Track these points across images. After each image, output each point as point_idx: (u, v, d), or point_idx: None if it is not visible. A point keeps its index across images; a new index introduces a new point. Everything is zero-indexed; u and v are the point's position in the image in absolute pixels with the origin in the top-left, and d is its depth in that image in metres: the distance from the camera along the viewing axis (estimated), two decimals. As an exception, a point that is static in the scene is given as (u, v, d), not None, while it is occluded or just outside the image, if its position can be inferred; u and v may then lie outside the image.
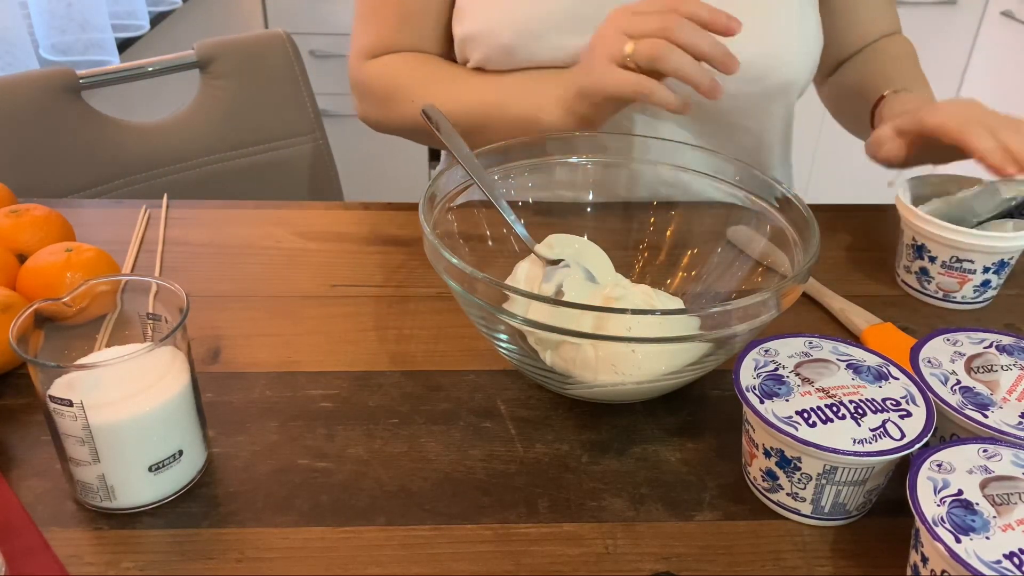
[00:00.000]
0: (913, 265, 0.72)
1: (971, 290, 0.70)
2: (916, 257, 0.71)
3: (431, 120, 0.68)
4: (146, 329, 0.53)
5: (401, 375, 0.61)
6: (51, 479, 0.51)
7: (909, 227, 0.71)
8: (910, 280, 0.73)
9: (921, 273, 0.71)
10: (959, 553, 0.40)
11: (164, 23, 1.74)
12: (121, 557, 0.47)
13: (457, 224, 0.65)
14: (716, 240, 0.67)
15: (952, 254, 0.69)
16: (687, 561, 0.48)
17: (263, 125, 1.19)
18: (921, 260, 0.71)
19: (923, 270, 0.71)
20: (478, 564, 0.48)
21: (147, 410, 0.47)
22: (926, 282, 0.71)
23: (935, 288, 0.71)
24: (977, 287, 0.70)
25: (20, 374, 0.59)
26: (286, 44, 1.19)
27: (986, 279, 0.69)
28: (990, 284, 0.70)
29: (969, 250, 0.68)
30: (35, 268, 0.61)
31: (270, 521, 0.49)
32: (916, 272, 0.72)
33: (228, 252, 0.74)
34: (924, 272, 0.71)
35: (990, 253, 0.68)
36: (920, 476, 0.44)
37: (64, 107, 1.04)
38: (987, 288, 0.70)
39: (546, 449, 0.55)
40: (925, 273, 0.71)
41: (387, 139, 0.92)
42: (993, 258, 0.68)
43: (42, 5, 1.34)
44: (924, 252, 0.70)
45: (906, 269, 0.73)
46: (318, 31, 2.21)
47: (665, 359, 0.55)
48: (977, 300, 0.71)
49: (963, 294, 0.70)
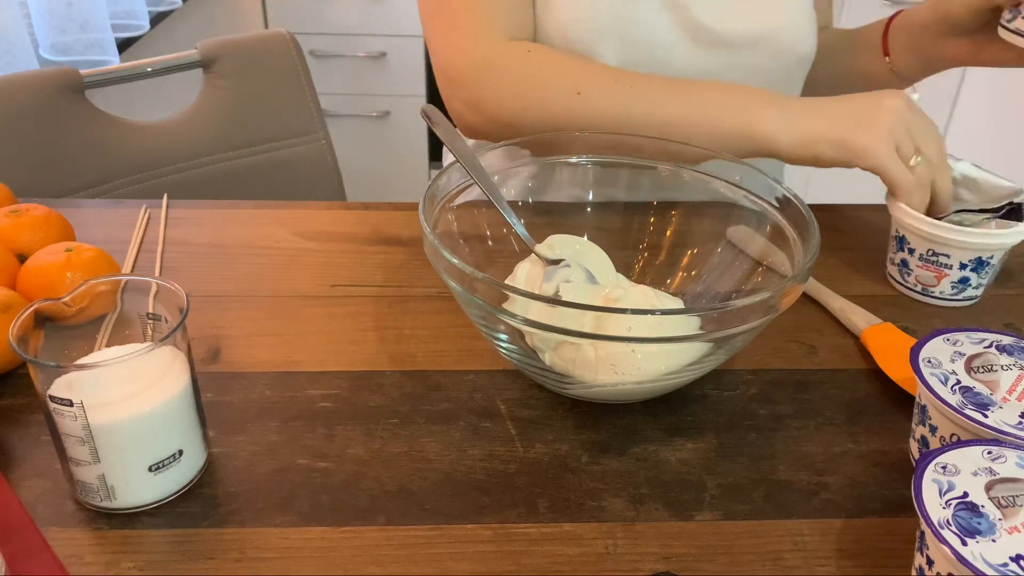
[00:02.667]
0: (896, 256, 0.73)
1: (948, 286, 0.70)
2: (899, 249, 0.72)
3: (430, 119, 0.67)
4: (146, 329, 0.53)
5: (401, 375, 0.61)
6: (51, 479, 0.51)
7: (894, 219, 0.72)
8: (893, 272, 0.74)
9: (902, 265, 0.72)
10: (965, 556, 0.40)
11: (164, 23, 1.74)
12: (121, 557, 0.47)
13: (457, 224, 0.65)
14: (716, 240, 0.67)
15: (929, 247, 0.69)
16: (687, 561, 0.48)
17: (266, 125, 1.19)
18: (902, 252, 0.72)
19: (904, 262, 0.72)
20: (478, 564, 0.48)
21: (147, 410, 0.47)
22: (906, 274, 0.72)
23: (914, 281, 0.72)
24: (955, 283, 0.70)
25: (20, 374, 0.59)
26: (289, 44, 1.19)
27: (964, 276, 0.69)
28: (969, 282, 0.70)
29: (944, 244, 0.68)
30: (35, 268, 0.61)
31: (270, 521, 0.49)
32: (898, 264, 0.73)
33: (228, 252, 0.74)
34: (904, 264, 0.72)
35: (964, 249, 0.68)
36: (925, 478, 0.44)
37: (68, 106, 1.04)
38: (966, 286, 0.70)
39: (546, 449, 0.55)
40: (905, 265, 0.72)
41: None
42: (969, 255, 0.68)
43: (42, 5, 1.34)
44: (905, 244, 0.71)
45: (890, 261, 0.74)
46: (318, 31, 2.21)
47: (665, 359, 0.55)
48: (956, 297, 0.71)
49: (941, 289, 0.71)
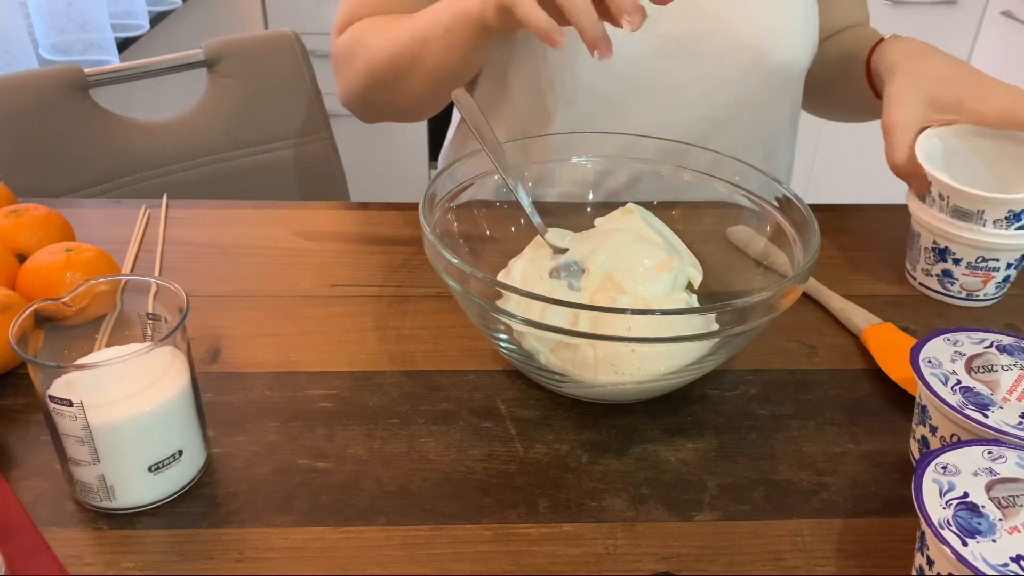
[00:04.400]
0: (934, 268, 0.71)
1: (994, 287, 0.70)
2: (938, 260, 0.70)
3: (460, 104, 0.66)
4: (146, 329, 0.53)
5: (401, 375, 0.61)
6: (51, 479, 0.51)
7: (928, 229, 0.70)
8: (930, 283, 0.72)
9: (943, 276, 0.70)
10: (966, 556, 0.40)
11: (164, 23, 1.74)
12: (121, 557, 0.47)
13: (457, 224, 0.65)
14: (716, 240, 0.67)
15: (978, 255, 0.68)
16: (687, 561, 0.48)
17: (270, 124, 1.19)
18: (944, 263, 0.70)
19: (946, 272, 0.70)
20: (478, 564, 0.48)
21: (147, 410, 0.47)
22: (949, 284, 0.70)
23: (959, 289, 0.70)
24: (999, 283, 0.70)
25: (20, 374, 0.59)
26: (294, 44, 1.19)
27: (1008, 274, 0.70)
28: (1009, 279, 0.71)
29: (996, 250, 0.67)
30: (35, 268, 0.61)
31: (270, 521, 0.49)
32: (937, 275, 0.71)
33: (228, 252, 0.74)
34: (947, 275, 0.70)
35: (1015, 250, 0.68)
36: (925, 479, 0.44)
37: (72, 105, 1.04)
38: (1007, 283, 0.71)
39: (546, 449, 0.55)
40: (948, 275, 0.70)
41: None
42: (1017, 254, 0.69)
43: (42, 5, 1.34)
44: (948, 255, 0.69)
45: (925, 272, 0.72)
46: (318, 31, 2.21)
47: (665, 359, 0.55)
48: (998, 295, 0.72)
49: (986, 292, 0.70)
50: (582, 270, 0.60)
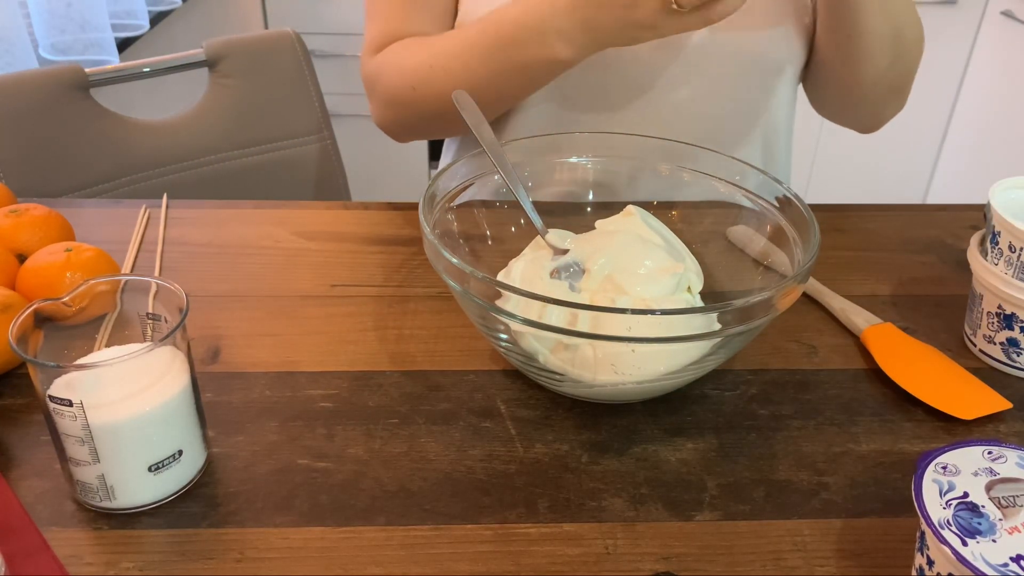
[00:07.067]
0: (997, 336, 0.63)
1: None
2: (1005, 327, 0.62)
3: (460, 105, 0.66)
4: (146, 329, 0.53)
5: (401, 375, 0.61)
6: (51, 479, 0.51)
7: (992, 292, 0.62)
8: (993, 351, 0.63)
9: (1009, 344, 0.62)
10: (966, 556, 0.40)
11: (164, 23, 1.74)
12: (121, 557, 0.47)
13: (457, 224, 0.65)
14: (716, 240, 0.67)
15: None
16: (687, 561, 0.48)
17: (271, 124, 1.19)
18: (1010, 330, 0.62)
19: (1012, 341, 0.62)
20: (478, 564, 0.48)
21: (147, 410, 0.47)
22: (1015, 354, 0.62)
23: None
24: None
25: (20, 374, 0.59)
26: (295, 44, 1.19)
27: None
28: None
29: None
30: (35, 268, 0.61)
31: (270, 521, 0.49)
32: (1002, 343, 0.63)
33: (228, 252, 0.74)
34: (1014, 343, 0.62)
35: None
36: (925, 478, 0.44)
37: (73, 104, 1.04)
38: None
39: (546, 449, 0.55)
40: (1015, 344, 0.62)
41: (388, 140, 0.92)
42: None
43: (41, 4, 1.34)
44: (1015, 321, 0.61)
45: (987, 339, 0.64)
46: (318, 31, 2.21)
47: (665, 359, 0.55)
48: None
49: None
50: (582, 271, 0.60)
